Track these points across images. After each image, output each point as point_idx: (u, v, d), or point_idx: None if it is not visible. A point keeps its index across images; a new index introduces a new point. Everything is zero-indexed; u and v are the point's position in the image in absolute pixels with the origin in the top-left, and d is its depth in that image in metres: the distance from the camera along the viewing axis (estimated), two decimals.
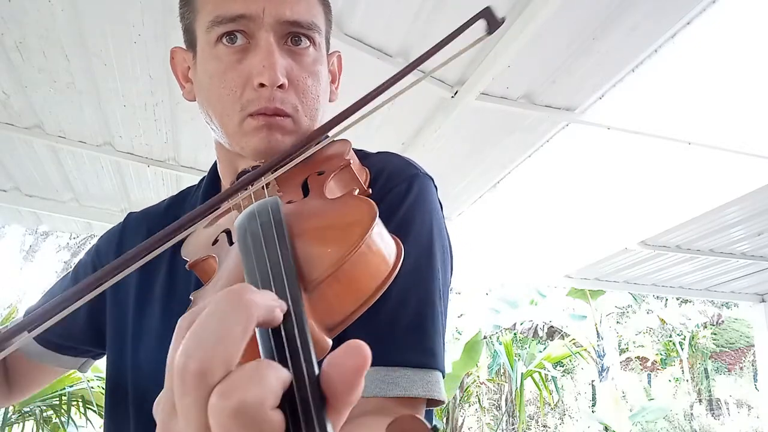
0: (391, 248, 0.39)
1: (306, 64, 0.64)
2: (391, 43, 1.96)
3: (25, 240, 13.05)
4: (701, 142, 2.56)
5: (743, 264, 4.40)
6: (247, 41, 0.62)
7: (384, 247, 0.38)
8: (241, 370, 0.26)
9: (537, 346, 11.05)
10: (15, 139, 2.44)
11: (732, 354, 13.85)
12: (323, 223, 0.42)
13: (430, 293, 0.58)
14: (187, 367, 0.26)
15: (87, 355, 0.83)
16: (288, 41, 0.63)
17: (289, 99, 0.62)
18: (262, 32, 0.61)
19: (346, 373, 0.26)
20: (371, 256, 0.36)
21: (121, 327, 0.73)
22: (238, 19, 0.60)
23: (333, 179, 0.51)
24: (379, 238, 0.38)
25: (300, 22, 0.62)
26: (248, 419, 0.24)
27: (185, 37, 0.69)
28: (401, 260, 0.39)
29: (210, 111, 0.66)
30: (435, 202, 0.65)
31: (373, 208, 0.39)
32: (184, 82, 0.72)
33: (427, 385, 0.54)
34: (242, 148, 0.64)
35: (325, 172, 0.52)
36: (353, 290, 0.35)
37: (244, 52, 0.62)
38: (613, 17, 1.84)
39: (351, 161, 0.54)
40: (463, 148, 2.65)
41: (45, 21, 1.79)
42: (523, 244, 4.12)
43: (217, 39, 0.62)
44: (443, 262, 0.62)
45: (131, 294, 0.73)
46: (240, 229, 0.40)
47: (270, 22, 0.61)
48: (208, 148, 2.57)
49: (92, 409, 3.83)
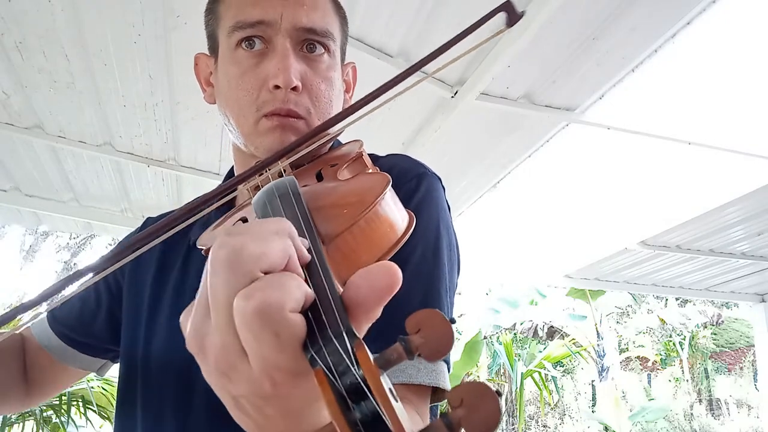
0: (404, 214, 0.41)
1: (320, 69, 0.67)
2: (391, 43, 1.96)
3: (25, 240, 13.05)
4: (701, 142, 2.56)
5: (743, 264, 4.40)
6: (265, 46, 0.65)
7: (397, 210, 0.40)
8: (265, 277, 0.28)
9: (537, 346, 11.05)
10: (15, 139, 2.44)
11: (732, 354, 13.85)
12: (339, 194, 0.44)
13: (437, 286, 0.60)
14: (218, 256, 0.29)
15: (106, 356, 0.83)
16: (303, 48, 0.66)
17: (302, 102, 0.65)
18: (279, 38, 0.64)
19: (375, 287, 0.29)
20: (385, 217, 0.38)
21: (135, 318, 0.74)
22: (257, 24, 0.64)
23: (346, 168, 0.53)
24: (393, 202, 0.40)
25: (315, 29, 0.65)
26: (269, 319, 0.26)
27: (209, 43, 0.73)
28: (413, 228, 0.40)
29: (228, 112, 0.69)
30: (442, 200, 0.67)
31: (387, 177, 0.42)
32: (205, 86, 0.76)
33: (433, 374, 0.55)
34: (257, 147, 0.66)
35: (338, 164, 0.54)
36: (368, 246, 0.37)
37: (262, 57, 0.65)
38: (613, 17, 1.84)
39: (363, 153, 0.56)
40: (463, 148, 2.65)
41: (45, 21, 1.79)
42: (523, 244, 4.12)
43: (237, 44, 0.65)
44: (450, 258, 0.64)
45: (147, 285, 0.75)
46: (258, 203, 0.41)
47: (287, 28, 0.64)
48: (207, 148, 2.57)
49: (92, 409, 3.82)
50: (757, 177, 2.93)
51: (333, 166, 0.54)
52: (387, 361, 0.25)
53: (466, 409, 0.22)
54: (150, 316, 0.72)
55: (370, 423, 0.23)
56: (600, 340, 9.87)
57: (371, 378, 0.24)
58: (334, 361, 0.25)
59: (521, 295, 10.59)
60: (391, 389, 0.24)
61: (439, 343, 0.25)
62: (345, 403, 0.24)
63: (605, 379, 9.75)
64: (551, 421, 12.50)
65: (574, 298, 9.82)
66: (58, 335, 0.80)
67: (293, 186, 0.41)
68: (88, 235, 11.96)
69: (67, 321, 0.81)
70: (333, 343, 0.26)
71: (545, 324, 11.08)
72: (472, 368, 8.74)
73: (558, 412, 12.56)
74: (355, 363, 0.25)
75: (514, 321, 10.70)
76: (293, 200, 0.39)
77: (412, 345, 0.25)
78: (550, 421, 12.49)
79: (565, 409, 12.64)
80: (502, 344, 9.90)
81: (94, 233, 3.63)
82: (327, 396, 0.24)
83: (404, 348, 0.25)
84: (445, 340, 0.25)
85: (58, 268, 13.19)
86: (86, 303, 0.81)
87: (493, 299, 10.66)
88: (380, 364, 0.25)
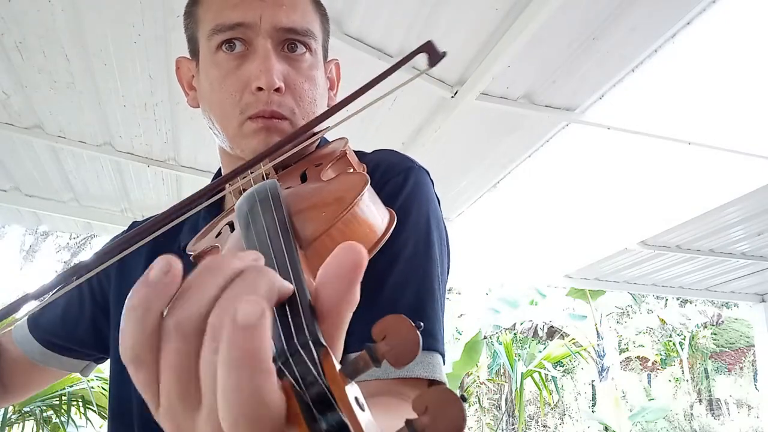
0: (384, 213, 0.41)
1: (302, 69, 0.66)
2: (391, 43, 1.96)
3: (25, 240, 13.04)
4: (701, 142, 2.56)
5: (743, 264, 4.40)
6: (245, 48, 0.64)
7: (376, 210, 0.40)
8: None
9: (537, 346, 11.05)
10: (15, 139, 2.44)
11: (732, 354, 13.85)
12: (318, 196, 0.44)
13: (429, 279, 0.59)
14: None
15: (89, 359, 0.83)
16: (284, 48, 0.65)
17: (286, 102, 0.64)
18: (259, 39, 0.63)
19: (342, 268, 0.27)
20: (363, 217, 0.38)
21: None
22: (237, 26, 0.63)
23: (330, 167, 0.53)
24: (372, 202, 0.40)
25: (296, 29, 0.65)
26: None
27: (189, 47, 0.72)
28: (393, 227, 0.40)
29: (212, 116, 0.68)
30: (431, 193, 0.67)
31: (365, 176, 0.41)
32: (188, 90, 0.75)
33: (429, 366, 0.55)
34: (242, 150, 0.66)
35: (322, 164, 0.54)
36: None
37: (243, 59, 0.64)
38: (613, 17, 1.84)
39: (347, 152, 0.56)
40: (463, 148, 2.65)
41: (45, 21, 1.79)
42: (523, 244, 4.12)
43: (218, 47, 0.65)
44: (440, 251, 0.64)
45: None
46: (240, 209, 0.41)
47: (267, 29, 0.63)
48: (207, 148, 2.57)
49: (92, 409, 3.82)
50: (757, 177, 2.93)
51: (317, 165, 0.54)
52: (354, 369, 0.25)
53: (431, 416, 0.22)
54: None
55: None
56: (600, 340, 9.87)
57: (336, 388, 0.23)
58: (301, 372, 0.24)
59: (521, 295, 10.58)
60: (357, 398, 0.24)
61: (405, 349, 0.25)
62: (311, 413, 0.23)
63: (605, 379, 9.75)
64: (551, 421, 12.50)
65: (574, 298, 9.82)
66: (39, 341, 0.79)
67: (273, 190, 0.41)
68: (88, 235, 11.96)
69: (49, 326, 0.79)
70: (299, 354, 0.25)
71: (545, 324, 11.07)
72: (472, 368, 8.74)
73: (558, 412, 12.56)
74: (321, 373, 0.24)
75: (514, 321, 10.69)
76: (272, 205, 0.39)
77: (378, 352, 0.25)
78: (550, 421, 12.49)
79: (565, 409, 12.64)
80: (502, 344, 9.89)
81: (94, 233, 3.62)
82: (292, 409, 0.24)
83: (370, 356, 0.25)
84: (411, 346, 0.25)
85: (58, 268, 13.19)
86: (68, 309, 0.80)
87: (493, 299, 10.66)
88: (347, 373, 0.25)
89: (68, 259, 13.17)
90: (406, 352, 0.25)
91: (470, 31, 1.88)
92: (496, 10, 1.79)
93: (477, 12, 1.81)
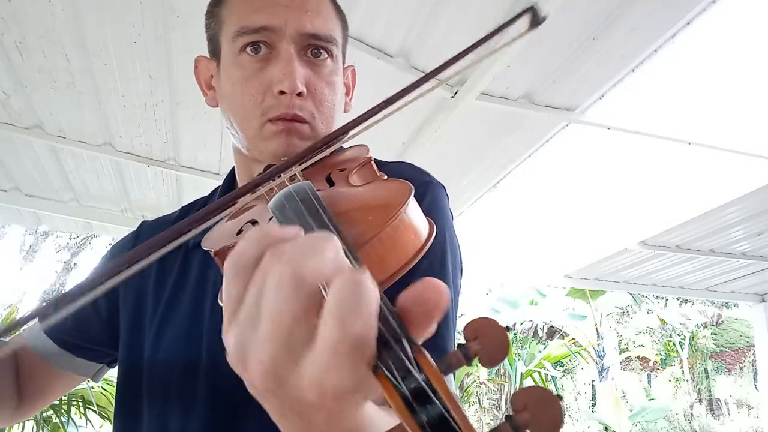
0: (425, 222, 0.42)
1: (324, 74, 0.68)
2: (391, 43, 1.96)
3: (25, 240, 13.06)
4: (701, 142, 2.56)
5: (743, 264, 4.40)
6: (269, 51, 0.65)
7: (420, 218, 0.41)
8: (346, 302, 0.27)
9: (537, 346, 11.05)
10: (15, 139, 2.44)
11: (732, 354, 13.86)
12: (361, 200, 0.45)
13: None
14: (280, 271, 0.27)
15: (103, 360, 0.82)
16: (307, 53, 0.67)
17: (306, 106, 0.65)
18: (283, 43, 0.65)
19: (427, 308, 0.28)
20: (410, 223, 0.39)
21: (137, 321, 0.73)
22: (262, 30, 0.64)
23: (356, 173, 0.53)
24: (416, 210, 0.41)
25: (319, 35, 0.66)
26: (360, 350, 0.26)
27: (209, 47, 0.73)
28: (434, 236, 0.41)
29: (231, 116, 0.69)
30: (447, 210, 0.68)
31: (409, 185, 0.42)
32: (206, 90, 0.76)
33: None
34: (261, 152, 0.67)
35: (347, 169, 0.54)
36: (395, 254, 0.37)
37: (266, 62, 0.65)
38: (613, 17, 1.84)
39: (372, 158, 0.56)
40: (463, 148, 2.65)
41: (45, 21, 1.79)
42: (523, 244, 4.12)
43: (241, 48, 0.66)
44: (454, 267, 0.65)
45: (149, 287, 0.74)
46: (279, 207, 0.41)
47: (291, 34, 0.65)
48: (207, 148, 2.57)
49: (92, 409, 3.82)
50: (757, 177, 2.93)
51: (342, 170, 0.54)
52: (448, 365, 0.26)
53: (531, 413, 0.24)
54: (152, 320, 0.71)
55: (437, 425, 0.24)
56: (600, 340, 9.87)
57: (437, 382, 0.25)
58: (397, 367, 0.26)
59: (521, 295, 10.59)
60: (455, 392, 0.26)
61: (497, 350, 0.26)
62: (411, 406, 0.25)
63: (605, 379, 9.75)
64: None
65: (574, 298, 9.83)
66: (54, 340, 0.79)
67: (312, 191, 0.41)
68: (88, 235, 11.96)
69: (64, 325, 0.79)
70: (394, 350, 0.26)
71: (545, 324, 11.09)
72: (472, 368, 8.74)
73: None
74: (417, 368, 0.26)
75: (514, 321, 10.70)
76: (316, 205, 0.38)
77: (470, 351, 0.27)
78: None
79: (565, 409, 12.62)
80: None
81: (94, 233, 3.63)
82: (395, 401, 0.25)
83: (463, 354, 0.27)
84: (503, 346, 0.26)
85: (58, 268, 13.19)
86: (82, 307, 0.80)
87: (493, 299, 10.67)
88: (442, 369, 0.26)
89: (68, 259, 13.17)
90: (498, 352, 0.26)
91: (470, 31, 1.87)
92: (496, 9, 1.79)
93: (477, 12, 1.80)
